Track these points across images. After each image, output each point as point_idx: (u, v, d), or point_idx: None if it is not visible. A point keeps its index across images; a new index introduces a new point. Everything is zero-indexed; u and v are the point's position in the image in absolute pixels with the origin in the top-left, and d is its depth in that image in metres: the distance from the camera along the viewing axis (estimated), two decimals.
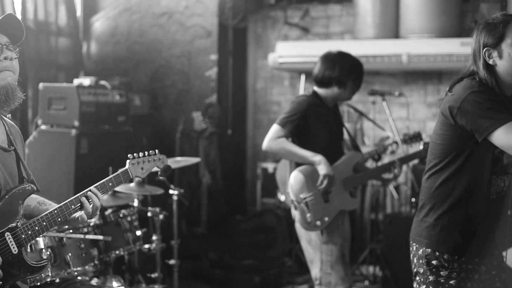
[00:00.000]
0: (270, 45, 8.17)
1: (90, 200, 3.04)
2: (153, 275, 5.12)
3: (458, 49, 6.71)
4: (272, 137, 4.59)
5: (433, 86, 7.51)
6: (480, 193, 3.11)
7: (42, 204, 3.14)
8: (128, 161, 3.17)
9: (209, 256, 7.19)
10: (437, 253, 3.14)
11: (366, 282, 6.75)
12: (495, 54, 3.06)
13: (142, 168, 3.20)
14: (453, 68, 6.91)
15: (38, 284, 3.83)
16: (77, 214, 3.05)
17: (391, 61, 7.08)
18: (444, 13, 7.05)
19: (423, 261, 3.17)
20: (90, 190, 3.05)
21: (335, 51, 4.79)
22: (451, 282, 3.12)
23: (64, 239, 4.14)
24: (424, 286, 3.17)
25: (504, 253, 5.48)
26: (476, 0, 7.31)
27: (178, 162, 5.26)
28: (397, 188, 7.19)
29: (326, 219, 4.57)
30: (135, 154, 3.19)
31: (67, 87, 5.93)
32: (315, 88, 4.77)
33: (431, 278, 3.15)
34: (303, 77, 7.39)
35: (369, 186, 7.09)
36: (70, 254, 4.16)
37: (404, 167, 6.62)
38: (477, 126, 2.97)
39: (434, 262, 3.14)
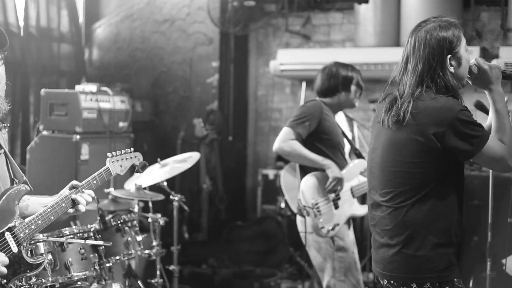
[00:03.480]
0: (272, 52, 8.20)
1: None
2: (153, 281, 5.12)
3: None
4: (284, 139, 4.60)
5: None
6: (460, 211, 3.07)
7: (27, 200, 3.27)
8: (107, 159, 3.40)
9: (209, 262, 7.20)
10: (450, 284, 3.03)
11: None
12: (453, 62, 3.02)
13: (121, 166, 3.44)
14: None
15: None
16: (69, 210, 3.20)
17: (392, 69, 7.04)
18: None
19: None
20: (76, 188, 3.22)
21: (331, 63, 4.87)
22: None
23: (65, 244, 4.15)
24: None
25: (503, 261, 5.49)
26: (477, 9, 7.34)
27: (179, 162, 5.26)
28: None
29: (337, 225, 4.61)
30: (113, 153, 3.43)
31: (69, 93, 5.94)
32: (322, 99, 4.83)
33: None
34: (304, 84, 7.40)
35: None
36: (70, 259, 4.16)
37: None
38: (467, 147, 2.91)
39: None
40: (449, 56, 2.99)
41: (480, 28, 7.35)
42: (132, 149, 3.53)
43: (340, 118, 6.12)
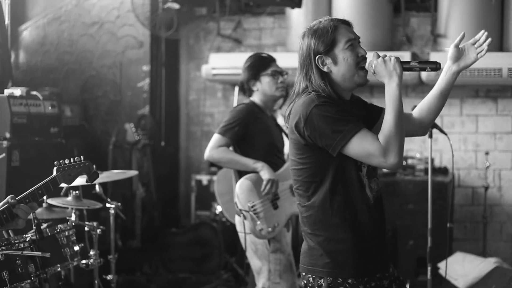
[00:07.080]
0: (203, 56, 8.16)
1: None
2: None
3: None
4: (214, 146, 4.61)
5: (364, 98, 7.59)
6: (359, 203, 2.98)
7: None
8: (55, 168, 3.26)
9: (144, 270, 7.09)
10: (340, 280, 2.93)
11: None
12: (328, 60, 3.00)
13: (69, 175, 3.31)
14: None
15: None
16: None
17: None
18: (376, 26, 7.17)
19: None
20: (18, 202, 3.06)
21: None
22: None
23: (0, 255, 3.99)
24: None
25: (438, 264, 5.57)
26: (407, 14, 7.47)
27: (114, 175, 5.14)
28: None
29: (277, 225, 4.58)
30: (61, 162, 3.28)
31: None
32: (250, 98, 4.81)
33: None
34: (236, 89, 7.36)
35: None
36: (6, 271, 4.00)
37: None
38: (328, 142, 2.86)
39: None
40: (317, 56, 2.98)
41: (410, 34, 7.48)
42: (82, 158, 3.40)
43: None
